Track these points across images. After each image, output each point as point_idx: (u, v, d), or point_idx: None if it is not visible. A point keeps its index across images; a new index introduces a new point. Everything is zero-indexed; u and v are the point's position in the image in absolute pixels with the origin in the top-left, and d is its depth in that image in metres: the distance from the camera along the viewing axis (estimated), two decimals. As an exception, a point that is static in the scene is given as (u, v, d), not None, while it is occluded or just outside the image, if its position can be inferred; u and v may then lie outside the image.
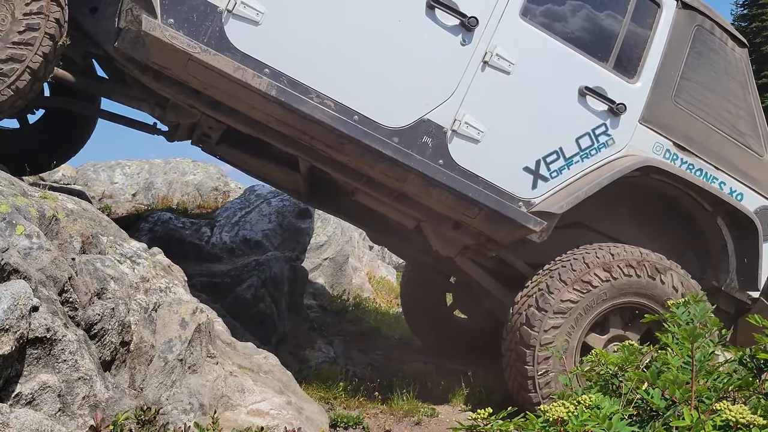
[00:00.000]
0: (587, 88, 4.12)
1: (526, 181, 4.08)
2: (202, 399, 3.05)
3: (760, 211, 4.70)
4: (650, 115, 4.33)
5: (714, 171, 4.56)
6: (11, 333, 1.98)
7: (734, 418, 1.56)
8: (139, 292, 2.99)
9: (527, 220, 4.07)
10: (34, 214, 2.54)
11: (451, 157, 3.88)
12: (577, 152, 4.17)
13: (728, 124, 4.63)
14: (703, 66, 4.54)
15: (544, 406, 1.77)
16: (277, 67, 3.52)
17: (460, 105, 3.86)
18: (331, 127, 3.62)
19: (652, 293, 4.23)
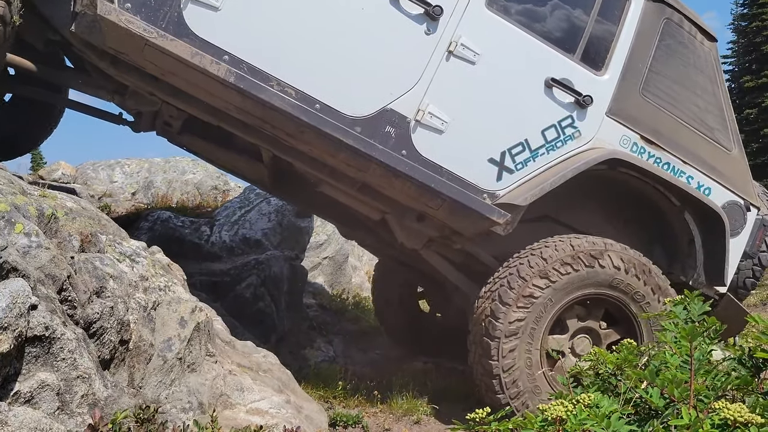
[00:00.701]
0: (553, 79, 4.07)
1: (490, 173, 4.03)
2: (201, 398, 3.05)
3: (727, 206, 4.66)
4: (617, 108, 4.29)
5: (682, 165, 4.51)
6: (10, 331, 1.98)
7: (732, 417, 1.56)
8: (138, 290, 2.99)
9: (491, 212, 4.01)
10: (33, 212, 2.54)
11: (415, 148, 3.83)
12: (542, 144, 4.12)
13: (696, 118, 4.59)
14: (671, 59, 4.50)
15: (543, 405, 1.77)
16: (237, 54, 3.47)
17: (423, 95, 3.81)
18: (291, 115, 3.57)
19: (596, 281, 4.17)
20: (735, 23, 32.45)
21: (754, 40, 30.46)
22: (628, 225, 4.76)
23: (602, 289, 4.16)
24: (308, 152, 3.94)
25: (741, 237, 4.78)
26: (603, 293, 4.18)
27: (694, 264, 4.68)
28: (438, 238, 4.41)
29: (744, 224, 4.78)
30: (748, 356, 2.15)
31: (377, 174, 3.87)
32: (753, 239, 4.85)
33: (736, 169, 4.77)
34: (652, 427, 1.84)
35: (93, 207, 3.56)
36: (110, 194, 7.88)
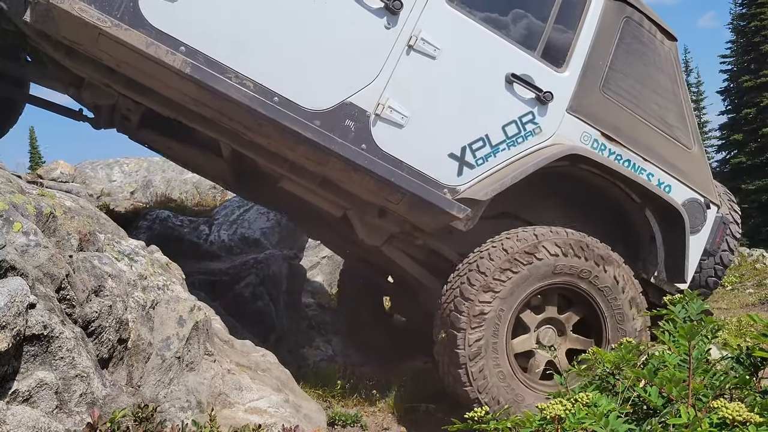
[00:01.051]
0: (514, 75, 4.07)
1: (451, 168, 4.02)
2: (200, 397, 3.05)
3: (687, 203, 4.69)
4: (578, 105, 4.30)
5: (642, 162, 4.53)
6: (8, 330, 1.98)
7: (731, 416, 1.56)
8: (136, 289, 2.99)
9: (451, 207, 4.00)
10: (31, 211, 2.53)
11: (374, 142, 3.81)
12: (503, 140, 4.12)
13: (657, 116, 4.61)
14: (631, 58, 4.53)
15: (541, 404, 1.77)
16: (193, 45, 3.43)
17: (384, 89, 3.80)
18: (248, 107, 3.55)
19: (540, 274, 4.15)
20: (734, 23, 32.42)
21: (753, 40, 30.44)
22: (590, 223, 4.76)
23: (549, 280, 4.15)
24: (267, 146, 3.91)
25: (701, 234, 4.82)
26: (551, 283, 4.17)
27: (655, 261, 4.70)
28: (399, 234, 4.40)
29: (704, 222, 4.81)
30: (746, 355, 2.15)
31: (337, 168, 3.85)
32: (713, 237, 4.88)
33: (696, 167, 4.80)
34: (650, 426, 1.85)
35: (91, 206, 3.56)
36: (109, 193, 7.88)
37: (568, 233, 4.24)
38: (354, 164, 3.78)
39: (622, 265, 4.31)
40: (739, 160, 30.06)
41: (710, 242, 4.87)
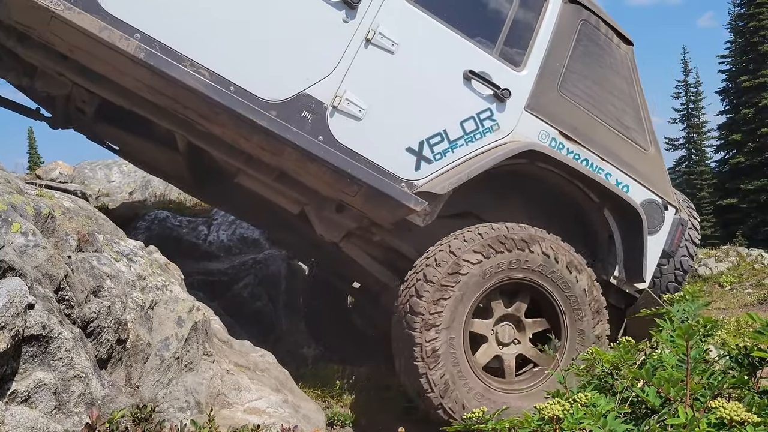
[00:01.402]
0: (471, 72, 4.10)
1: (409, 162, 4.03)
2: (199, 397, 3.05)
3: (645, 203, 4.71)
4: (536, 103, 4.33)
5: (600, 162, 4.55)
6: (6, 330, 1.98)
7: (729, 416, 1.56)
8: (135, 290, 2.99)
9: (408, 199, 3.98)
10: (30, 211, 2.53)
11: (331, 134, 3.81)
12: (461, 135, 4.13)
13: (613, 118, 4.65)
14: (588, 60, 4.58)
15: (539, 404, 1.77)
16: (149, 32, 3.43)
17: (341, 81, 3.81)
18: (203, 95, 3.53)
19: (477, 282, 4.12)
20: (732, 23, 32.44)
21: (752, 40, 30.46)
22: (551, 223, 4.74)
23: (485, 286, 4.12)
24: (222, 136, 3.89)
25: (659, 235, 4.85)
26: (489, 287, 4.15)
27: (614, 261, 4.73)
28: (357, 230, 4.37)
29: (662, 222, 4.85)
30: (745, 355, 2.15)
31: (292, 158, 3.83)
32: (672, 238, 4.91)
33: (653, 168, 4.84)
34: (648, 426, 1.85)
35: (90, 206, 3.56)
36: (108, 193, 7.88)
37: (482, 234, 4.18)
38: (310, 154, 3.77)
39: (546, 237, 4.30)
40: (738, 160, 30.09)
41: (668, 243, 4.90)
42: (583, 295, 4.31)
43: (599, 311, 4.39)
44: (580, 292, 4.31)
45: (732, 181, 30.35)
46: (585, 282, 4.34)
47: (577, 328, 4.32)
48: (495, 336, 4.30)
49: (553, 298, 4.29)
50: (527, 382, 4.27)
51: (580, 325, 4.33)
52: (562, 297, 4.29)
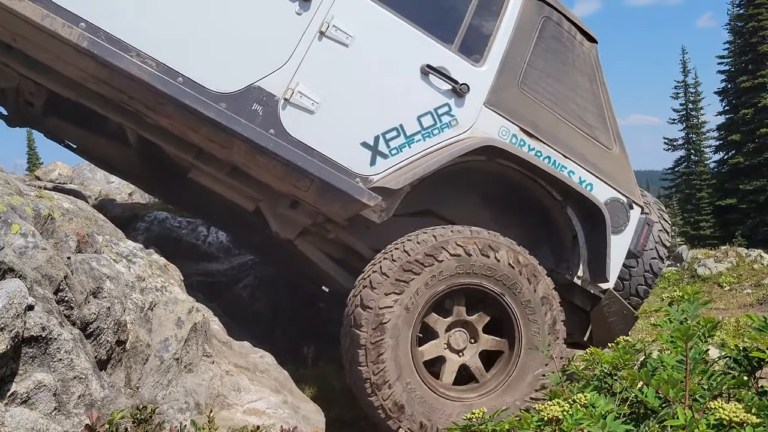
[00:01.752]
0: (429, 66, 4.03)
1: (364, 157, 3.95)
2: (198, 398, 3.05)
3: (609, 202, 4.63)
4: (496, 99, 4.25)
5: (562, 159, 4.46)
6: (6, 332, 1.98)
7: (728, 417, 1.57)
8: (134, 291, 2.99)
9: (361, 194, 3.90)
10: (29, 213, 2.53)
11: (283, 127, 3.75)
12: (418, 131, 4.06)
13: (576, 116, 4.57)
14: (550, 57, 4.50)
15: (539, 405, 1.78)
16: (94, 21, 3.37)
17: (294, 74, 3.75)
18: (149, 85, 3.47)
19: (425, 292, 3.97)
20: (731, 23, 32.47)
21: (751, 41, 30.50)
22: (514, 223, 4.68)
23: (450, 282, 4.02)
24: (170, 128, 3.81)
25: (624, 235, 4.75)
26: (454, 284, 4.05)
27: (578, 261, 4.64)
28: (312, 227, 4.28)
29: (627, 222, 4.75)
30: (744, 356, 2.16)
31: (242, 151, 3.76)
32: (637, 238, 4.81)
33: (617, 167, 4.75)
34: (648, 427, 1.85)
35: (89, 207, 3.56)
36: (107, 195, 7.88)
37: (472, 231, 4.12)
38: (259, 147, 3.70)
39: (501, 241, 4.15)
40: (737, 160, 30.12)
41: (634, 243, 4.80)
42: (539, 305, 4.18)
43: (555, 324, 4.24)
44: (536, 302, 4.17)
45: (731, 181, 30.38)
46: (542, 290, 4.20)
47: (532, 345, 4.16)
48: (447, 340, 4.17)
49: (512, 312, 4.14)
50: (462, 393, 4.13)
51: (534, 340, 4.16)
52: (519, 308, 4.15)
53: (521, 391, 4.14)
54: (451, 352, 4.19)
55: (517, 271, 4.12)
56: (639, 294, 5.10)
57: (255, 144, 3.69)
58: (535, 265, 4.22)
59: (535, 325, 4.18)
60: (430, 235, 4.04)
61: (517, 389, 4.15)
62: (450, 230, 4.10)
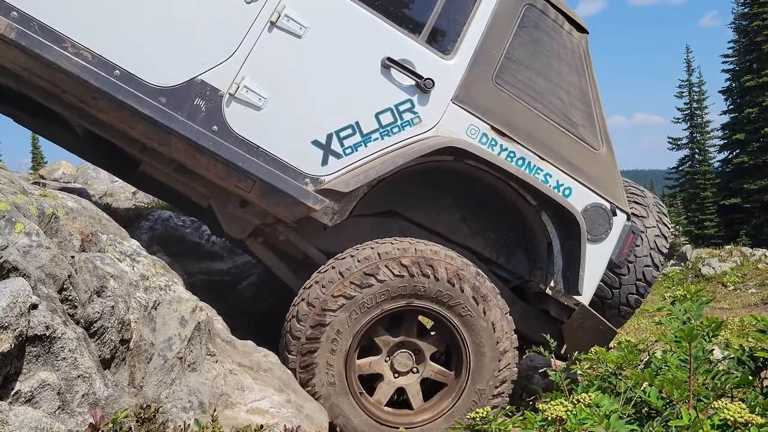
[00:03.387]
0: (390, 59, 3.78)
1: (315, 157, 3.73)
2: (202, 397, 3.05)
3: (590, 208, 4.31)
4: (465, 95, 3.96)
5: (538, 161, 4.14)
6: (10, 331, 1.98)
7: (732, 417, 1.56)
8: (138, 290, 2.99)
9: (305, 197, 3.70)
10: (33, 212, 2.54)
11: (227, 124, 3.56)
12: (376, 129, 3.81)
13: (559, 113, 4.24)
14: (532, 48, 4.18)
15: (543, 405, 1.77)
16: (27, 11, 3.22)
17: (240, 67, 3.55)
18: (79, 78, 3.32)
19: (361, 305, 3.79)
20: (736, 22, 32.42)
21: (755, 39, 30.46)
22: (488, 226, 4.44)
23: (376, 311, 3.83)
24: (109, 121, 3.64)
25: (606, 243, 4.40)
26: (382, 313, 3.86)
27: (552, 270, 4.35)
28: (262, 227, 4.09)
29: (609, 230, 4.39)
30: (749, 356, 2.15)
31: (181, 149, 3.59)
32: (620, 247, 4.45)
33: (603, 169, 4.41)
34: (651, 427, 1.85)
35: (93, 206, 3.56)
36: (111, 194, 7.90)
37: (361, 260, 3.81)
38: (197, 146, 3.53)
39: (450, 259, 3.90)
40: (742, 159, 30.09)
41: (617, 252, 4.45)
42: (490, 329, 3.93)
43: (505, 351, 3.97)
44: (486, 327, 3.91)
45: (735, 180, 30.35)
46: (497, 314, 3.94)
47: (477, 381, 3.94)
48: (391, 361, 4.00)
49: (458, 333, 3.92)
50: (391, 416, 3.96)
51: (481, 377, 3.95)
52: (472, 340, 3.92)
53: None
54: (392, 372, 4.00)
55: (466, 295, 3.86)
56: (630, 303, 4.82)
57: (192, 142, 3.53)
58: (489, 288, 3.96)
59: (482, 351, 3.92)
60: (349, 260, 3.81)
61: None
62: (394, 245, 3.85)
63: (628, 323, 11.36)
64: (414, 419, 3.98)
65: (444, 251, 3.92)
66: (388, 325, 4.02)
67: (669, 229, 4.98)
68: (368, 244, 3.87)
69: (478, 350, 3.93)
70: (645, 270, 4.78)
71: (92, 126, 3.80)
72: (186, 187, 4.10)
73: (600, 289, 4.60)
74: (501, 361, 3.96)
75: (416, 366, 4.03)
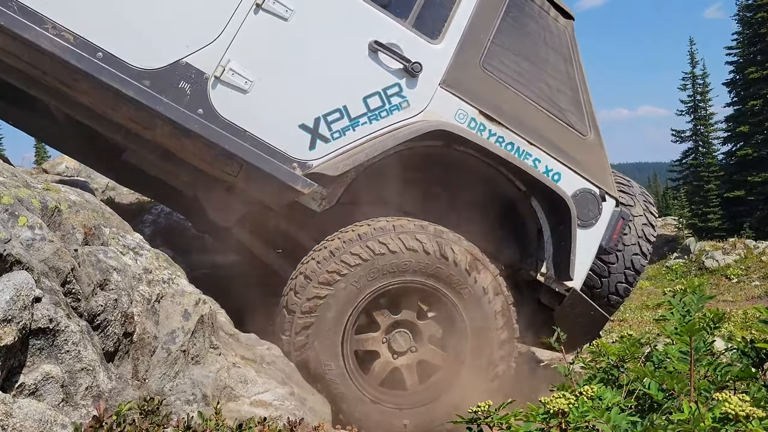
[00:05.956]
0: (378, 42, 3.76)
1: (302, 141, 3.69)
2: (205, 390, 3.06)
3: (579, 194, 4.30)
4: (453, 80, 3.95)
5: (527, 146, 4.13)
6: (14, 324, 1.99)
7: (734, 410, 1.56)
8: (141, 283, 3.00)
9: (294, 180, 3.65)
10: (36, 205, 2.54)
11: (213, 107, 3.51)
12: (364, 113, 3.78)
13: (546, 98, 4.24)
14: (519, 33, 4.18)
15: (545, 398, 1.78)
16: None
17: (226, 50, 3.51)
18: (61, 59, 3.26)
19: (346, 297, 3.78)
20: (740, 14, 32.26)
21: (759, 31, 30.30)
22: (478, 214, 4.38)
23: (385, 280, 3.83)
24: (90, 105, 3.59)
25: (595, 229, 4.42)
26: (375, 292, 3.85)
27: (543, 257, 4.34)
28: (250, 215, 4.05)
29: (599, 215, 4.40)
30: (752, 348, 2.15)
31: (166, 133, 3.54)
32: (610, 232, 4.46)
33: (591, 155, 4.40)
34: (651, 420, 1.85)
35: (96, 200, 3.57)
36: (113, 187, 7.90)
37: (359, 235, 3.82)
38: (183, 128, 3.48)
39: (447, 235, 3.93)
40: (746, 152, 29.99)
41: (606, 238, 4.46)
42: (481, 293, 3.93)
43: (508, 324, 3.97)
44: (480, 291, 3.92)
45: (739, 173, 30.26)
46: (487, 281, 3.95)
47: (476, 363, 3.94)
48: (388, 339, 4.00)
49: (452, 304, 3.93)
50: (383, 395, 3.95)
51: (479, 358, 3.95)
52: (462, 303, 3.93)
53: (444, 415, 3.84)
54: (389, 351, 3.99)
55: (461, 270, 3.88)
56: (619, 292, 4.79)
57: (179, 125, 3.48)
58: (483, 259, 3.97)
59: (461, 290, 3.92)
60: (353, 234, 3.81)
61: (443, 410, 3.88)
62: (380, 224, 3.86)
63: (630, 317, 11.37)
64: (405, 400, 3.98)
65: (433, 226, 3.94)
66: (388, 306, 4.01)
67: (656, 218, 4.95)
68: (365, 222, 3.88)
69: (476, 327, 3.94)
70: (633, 258, 4.76)
71: (74, 111, 3.76)
72: (171, 176, 4.05)
73: (589, 278, 4.59)
74: (499, 341, 3.97)
75: (414, 347, 4.02)
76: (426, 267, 3.84)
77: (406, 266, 3.81)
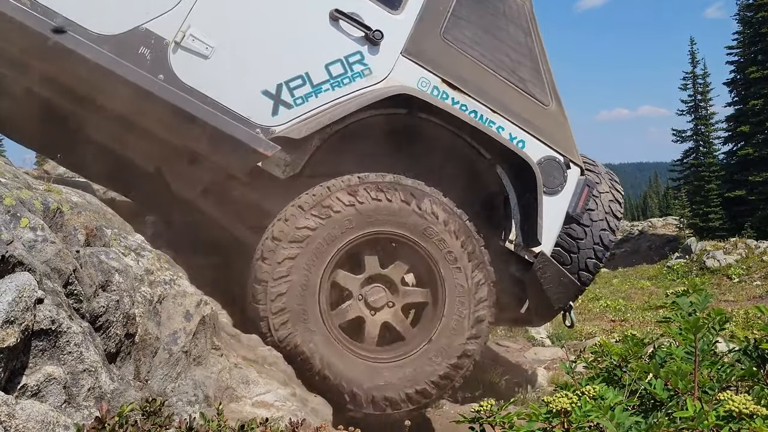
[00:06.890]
0: (338, 11, 3.82)
1: (265, 107, 3.72)
2: (207, 391, 3.06)
3: (544, 161, 4.39)
4: (415, 49, 4.04)
5: (490, 114, 4.21)
6: (16, 325, 1.99)
7: (737, 409, 1.56)
8: (143, 284, 3.00)
9: (257, 143, 3.67)
10: (38, 206, 2.54)
11: (174, 72, 3.52)
12: (326, 80, 3.83)
13: (508, 69, 4.34)
14: (478, 6, 4.29)
15: (547, 397, 1.77)
16: None
17: (186, 16, 3.53)
18: (20, 23, 3.23)
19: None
20: (741, 14, 32.24)
21: (760, 31, 30.29)
22: (446, 187, 4.39)
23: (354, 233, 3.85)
24: (48, 72, 3.53)
25: (561, 196, 4.50)
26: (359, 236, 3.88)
27: (510, 224, 4.40)
28: (214, 185, 4.05)
29: (564, 182, 4.49)
30: (754, 347, 2.15)
31: (126, 97, 3.49)
32: (576, 200, 4.54)
33: (554, 125, 4.49)
34: (656, 419, 1.85)
35: (98, 201, 3.57)
36: (115, 188, 7.87)
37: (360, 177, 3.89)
38: (144, 91, 3.46)
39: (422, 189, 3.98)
40: (746, 151, 29.97)
41: (573, 206, 4.54)
42: (461, 251, 3.97)
43: (480, 266, 4.03)
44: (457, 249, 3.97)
45: (740, 172, 30.24)
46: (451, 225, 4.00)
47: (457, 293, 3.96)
48: (364, 298, 3.99)
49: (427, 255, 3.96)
50: (386, 353, 3.96)
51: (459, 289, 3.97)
52: (437, 253, 3.95)
53: (451, 351, 3.93)
54: (369, 310, 4.00)
55: (423, 214, 3.93)
56: (588, 268, 4.80)
57: (139, 89, 3.47)
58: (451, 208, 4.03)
59: (458, 272, 3.98)
60: (323, 188, 3.85)
61: (448, 349, 3.94)
62: (340, 180, 3.89)
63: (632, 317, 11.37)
64: (406, 349, 3.99)
65: (392, 176, 4.00)
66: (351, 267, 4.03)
67: (621, 195, 4.99)
68: (331, 180, 3.91)
69: (448, 268, 3.98)
70: (602, 234, 4.78)
71: (27, 78, 3.68)
72: (131, 150, 4.01)
73: (558, 254, 4.63)
74: (477, 297, 4.01)
75: (391, 301, 4.03)
76: (394, 216, 3.90)
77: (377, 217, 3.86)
